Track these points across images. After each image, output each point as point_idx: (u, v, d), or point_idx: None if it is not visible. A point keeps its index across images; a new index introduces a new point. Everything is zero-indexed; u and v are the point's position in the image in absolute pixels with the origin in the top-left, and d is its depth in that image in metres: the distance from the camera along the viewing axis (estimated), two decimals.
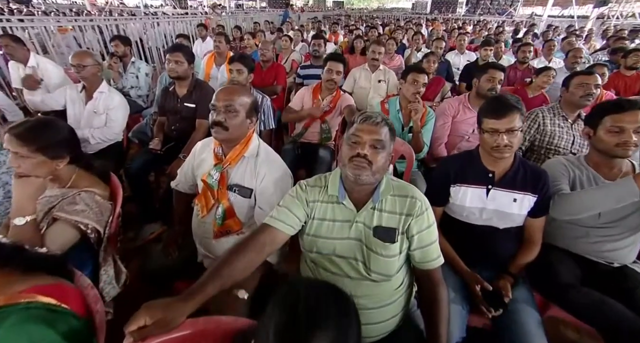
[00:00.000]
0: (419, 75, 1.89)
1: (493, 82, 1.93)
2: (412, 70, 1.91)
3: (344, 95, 2.23)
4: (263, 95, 2.23)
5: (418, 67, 1.94)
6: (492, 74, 1.93)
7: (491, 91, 1.93)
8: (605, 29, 7.11)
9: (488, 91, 1.94)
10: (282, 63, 4.17)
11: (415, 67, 1.94)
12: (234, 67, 2.09)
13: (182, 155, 2.02)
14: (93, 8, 11.64)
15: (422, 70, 1.91)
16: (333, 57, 2.18)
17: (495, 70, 1.95)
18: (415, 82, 1.89)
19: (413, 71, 1.91)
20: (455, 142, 2.06)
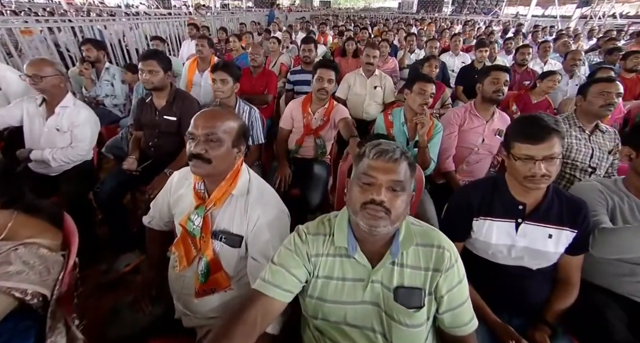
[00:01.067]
0: (426, 85, 1.69)
1: (498, 83, 1.78)
2: (419, 80, 1.71)
3: (337, 106, 2.00)
4: (251, 107, 1.99)
5: (425, 76, 1.73)
6: (495, 76, 1.78)
7: (497, 93, 1.78)
8: (591, 29, 7.11)
9: (493, 94, 1.79)
10: (271, 66, 3.93)
11: (422, 76, 1.73)
12: (217, 77, 1.84)
13: (168, 171, 1.78)
14: (70, 7, 11.05)
15: (429, 79, 1.71)
16: (324, 64, 1.94)
17: (498, 71, 1.80)
18: (423, 92, 1.69)
19: (420, 80, 1.70)
20: (464, 154, 1.88)
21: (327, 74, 1.89)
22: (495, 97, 1.79)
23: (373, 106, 2.70)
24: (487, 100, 1.83)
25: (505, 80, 1.78)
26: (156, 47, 3.40)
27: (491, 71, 1.82)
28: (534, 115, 0.98)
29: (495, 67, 1.87)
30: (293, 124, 2.04)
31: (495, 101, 1.82)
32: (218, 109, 1.01)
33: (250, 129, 1.99)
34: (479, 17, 11.90)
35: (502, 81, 1.77)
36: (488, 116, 1.87)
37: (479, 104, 1.88)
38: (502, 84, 1.77)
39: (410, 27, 7.41)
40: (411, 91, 1.74)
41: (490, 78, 1.80)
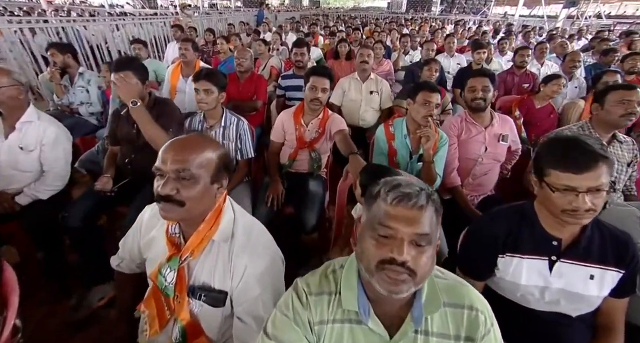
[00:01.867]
0: (431, 95, 1.52)
1: (475, 91, 1.65)
2: (423, 89, 1.54)
3: (333, 116, 1.82)
4: (239, 118, 1.79)
5: (429, 85, 1.56)
6: (471, 84, 1.67)
7: (476, 102, 1.65)
8: (580, 29, 7.10)
9: (473, 102, 1.66)
10: (260, 70, 3.73)
11: (426, 85, 1.56)
12: (200, 87, 1.64)
13: None
14: (50, 7, 10.54)
15: (434, 88, 1.54)
16: (317, 71, 1.75)
17: (474, 78, 1.67)
18: (427, 103, 1.52)
19: (424, 90, 1.53)
20: (468, 166, 1.72)
21: (321, 83, 1.70)
22: (475, 105, 1.65)
23: (370, 112, 2.53)
24: (471, 109, 1.69)
25: (484, 86, 1.63)
26: (138, 52, 3.15)
27: (467, 78, 1.70)
28: (575, 138, 0.82)
29: (475, 72, 1.73)
30: (285, 136, 1.85)
31: (478, 109, 1.67)
32: (193, 137, 0.81)
33: (239, 142, 1.79)
34: (468, 17, 11.87)
35: (479, 88, 1.63)
36: (486, 122, 1.72)
37: (469, 111, 1.74)
38: (480, 90, 1.63)
39: (402, 27, 7.27)
40: (414, 101, 1.57)
41: (467, 86, 1.68)
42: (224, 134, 1.77)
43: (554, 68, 3.59)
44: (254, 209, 1.68)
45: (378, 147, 1.70)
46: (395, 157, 1.66)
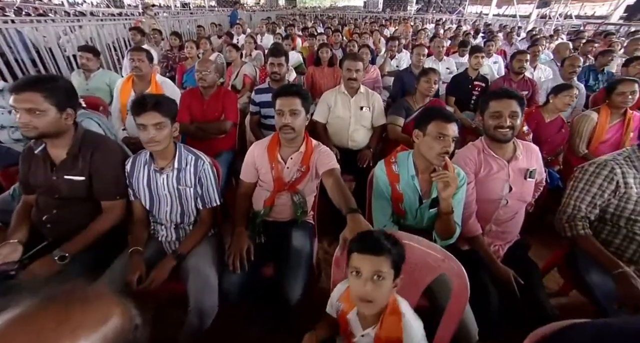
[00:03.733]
0: (447, 126, 1.14)
1: (501, 117, 1.28)
2: (436, 118, 1.16)
3: (319, 148, 1.39)
4: (197, 157, 1.35)
5: (444, 114, 1.18)
6: (496, 107, 1.29)
7: (500, 131, 1.29)
8: (555, 30, 7.03)
9: (496, 131, 1.30)
10: (232, 79, 3.26)
11: (441, 114, 1.18)
12: (148, 121, 1.17)
13: (59, 254, 1.17)
14: None
15: (449, 118, 1.17)
16: (282, 91, 1.32)
17: (502, 100, 1.29)
18: (442, 136, 1.15)
19: (438, 119, 1.16)
20: (490, 210, 1.36)
21: (288, 104, 1.28)
22: (501, 136, 1.29)
23: (360, 131, 2.14)
24: (492, 139, 1.34)
25: (513, 112, 1.27)
26: (85, 62, 2.58)
27: (491, 100, 1.32)
28: None
29: (500, 93, 1.32)
30: (258, 176, 1.42)
31: (503, 140, 1.31)
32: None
33: (199, 188, 1.35)
34: (444, 16, 11.74)
35: (505, 114, 1.27)
36: (509, 154, 1.36)
37: (489, 141, 1.38)
38: (508, 117, 1.27)
39: (383, 28, 6.92)
40: (424, 133, 1.19)
41: (490, 110, 1.31)
42: (179, 179, 1.33)
43: (548, 72, 3.35)
44: (221, 277, 1.25)
45: (378, 189, 1.31)
46: (400, 202, 1.28)
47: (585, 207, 1.27)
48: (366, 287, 0.80)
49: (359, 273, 0.82)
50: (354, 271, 0.83)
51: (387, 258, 0.82)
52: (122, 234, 1.35)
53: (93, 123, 1.71)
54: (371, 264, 0.81)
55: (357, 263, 0.83)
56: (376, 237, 0.86)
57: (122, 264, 1.24)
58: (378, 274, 0.80)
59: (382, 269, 0.81)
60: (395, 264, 0.83)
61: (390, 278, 0.83)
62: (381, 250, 0.82)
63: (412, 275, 1.05)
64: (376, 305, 0.84)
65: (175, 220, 1.38)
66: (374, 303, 0.82)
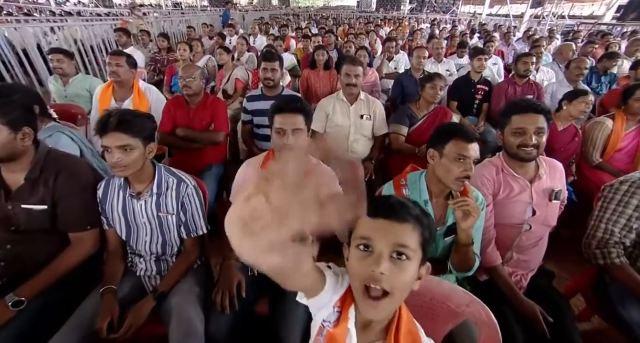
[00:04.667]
0: (467, 147, 0.99)
1: (525, 134, 1.13)
2: (455, 136, 1.01)
3: (319, 169, 1.22)
4: (180, 179, 1.17)
5: (464, 132, 1.02)
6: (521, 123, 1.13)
7: (524, 150, 1.13)
8: (551, 30, 6.96)
9: (519, 149, 1.14)
10: (223, 83, 3.07)
11: (461, 132, 1.02)
12: (111, 143, 1.01)
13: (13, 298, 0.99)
14: None
15: (471, 138, 1.01)
16: (283, 106, 1.14)
17: (527, 115, 1.14)
18: (462, 158, 0.99)
19: (457, 138, 1.00)
20: (510, 236, 1.21)
21: (291, 122, 1.12)
22: (525, 155, 1.14)
23: (361, 142, 1.98)
24: (514, 157, 1.19)
25: (539, 128, 1.12)
26: (56, 64, 2.35)
27: (514, 114, 1.16)
28: None
29: (524, 106, 1.15)
30: None
31: (524, 160, 1.17)
32: None
33: (182, 215, 1.18)
34: (438, 16, 11.63)
35: (530, 131, 1.12)
36: (531, 173, 1.21)
37: (508, 158, 1.23)
38: (534, 133, 1.12)
39: (379, 28, 6.76)
40: (441, 154, 1.03)
41: (512, 126, 1.16)
42: (158, 205, 1.15)
43: (550, 74, 3.23)
44: (208, 318, 1.08)
45: None
46: None
47: (619, 231, 1.13)
48: (381, 268, 0.53)
49: (368, 248, 0.56)
50: (361, 244, 0.57)
51: (415, 230, 0.57)
52: (92, 269, 1.17)
53: (64, 137, 1.52)
54: (391, 234, 0.55)
55: (368, 232, 0.57)
56: (399, 200, 0.61)
57: (92, 306, 1.06)
58: (400, 251, 0.55)
59: (407, 243, 0.55)
60: (425, 242, 0.59)
61: (416, 260, 0.57)
62: (407, 215, 0.57)
63: (430, 322, 0.89)
64: (394, 302, 0.56)
65: (155, 251, 1.21)
66: (390, 298, 0.55)
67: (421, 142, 1.93)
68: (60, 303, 1.09)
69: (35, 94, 1.51)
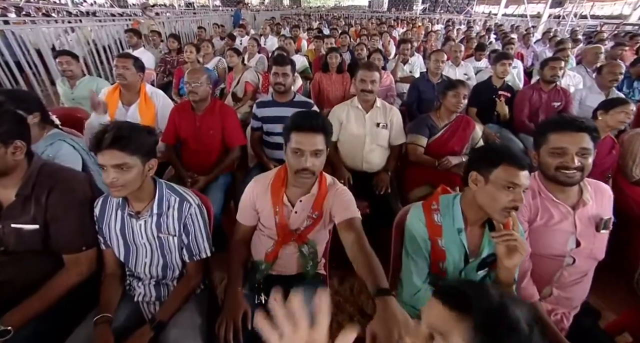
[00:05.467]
0: (519, 174, 0.85)
1: (566, 155, 0.98)
2: (507, 161, 0.86)
3: (334, 189, 1.09)
4: (183, 197, 1.07)
5: (517, 156, 0.87)
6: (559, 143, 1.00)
7: (567, 173, 0.99)
8: (573, 31, 6.65)
9: (558, 172, 1.00)
10: (233, 86, 2.97)
11: (512, 155, 0.87)
12: (107, 161, 0.91)
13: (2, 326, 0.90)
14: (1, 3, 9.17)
15: (524, 164, 0.86)
16: (302, 123, 0.98)
17: (568, 133, 0.99)
18: (513, 186, 0.85)
19: (509, 163, 0.86)
20: (549, 270, 1.06)
21: (311, 142, 0.97)
22: (561, 178, 1.00)
23: (377, 152, 1.85)
24: (552, 180, 1.04)
25: (583, 149, 0.98)
26: (65, 67, 2.30)
27: (552, 131, 1.01)
28: None
29: (565, 124, 1.00)
30: (259, 218, 1.14)
31: (564, 184, 1.02)
32: None
33: (185, 237, 1.07)
34: (452, 16, 11.34)
35: (572, 151, 0.97)
36: (573, 198, 1.06)
37: (546, 181, 1.08)
38: (577, 155, 0.97)
39: (392, 28, 6.58)
40: (486, 180, 0.89)
41: (550, 146, 1.01)
42: (159, 225, 1.05)
43: (578, 79, 3.02)
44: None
45: (413, 243, 1.01)
46: (442, 262, 0.99)
47: None
48: None
49: None
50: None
51: None
52: (87, 292, 1.07)
53: (65, 146, 1.43)
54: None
55: None
56: None
57: (85, 335, 0.97)
58: None
59: None
60: None
61: None
62: None
63: None
64: None
65: (156, 274, 1.11)
66: None
67: (441, 153, 1.79)
68: (52, 331, 1.00)
69: (36, 100, 1.43)
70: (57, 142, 1.42)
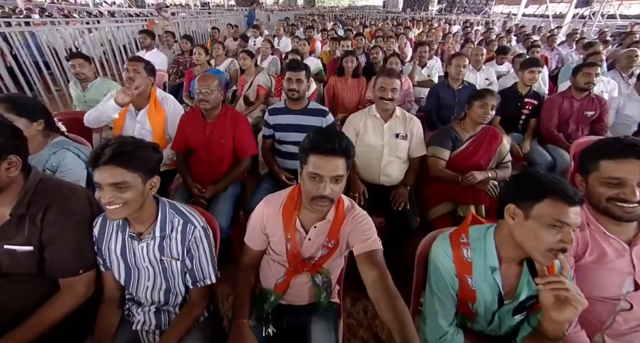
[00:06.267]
0: (569, 211, 0.72)
1: (623, 186, 0.85)
2: (553, 193, 0.73)
3: (353, 214, 0.97)
4: (187, 219, 0.98)
5: (567, 190, 0.73)
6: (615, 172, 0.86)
7: (625, 208, 0.84)
8: (601, 32, 6.30)
9: (609, 203, 0.87)
10: (245, 89, 2.89)
11: (563, 189, 0.73)
12: (103, 180, 0.83)
13: None
14: (27, 4, 9.43)
15: (574, 199, 0.72)
16: (325, 148, 0.85)
17: (623, 161, 0.85)
18: (561, 225, 0.72)
19: (555, 197, 0.73)
20: (600, 314, 0.91)
21: (330, 168, 0.85)
22: (617, 212, 0.86)
23: (395, 164, 1.72)
24: (604, 213, 0.90)
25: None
26: (78, 70, 2.27)
27: (604, 158, 0.88)
28: None
29: (621, 149, 0.87)
30: (269, 244, 1.04)
31: (621, 219, 0.88)
32: None
33: (189, 261, 0.98)
34: (470, 17, 10.99)
35: (633, 182, 0.83)
36: (630, 232, 0.91)
37: (595, 212, 0.93)
38: (637, 186, 0.83)
39: (408, 30, 6.39)
40: (527, 215, 0.76)
41: (603, 176, 0.87)
42: (162, 248, 0.96)
43: (612, 85, 2.80)
44: None
45: (439, 280, 0.89)
46: (472, 303, 0.87)
47: None
48: None
49: None
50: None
51: None
52: (84, 317, 1.00)
53: (69, 155, 1.37)
54: None
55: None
56: None
57: None
58: None
59: None
60: None
61: None
62: None
63: None
64: None
65: (157, 299, 1.02)
66: None
67: (465, 168, 1.65)
68: None
69: (40, 106, 1.37)
70: (60, 151, 1.36)
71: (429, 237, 1.04)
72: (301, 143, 0.92)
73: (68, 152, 1.37)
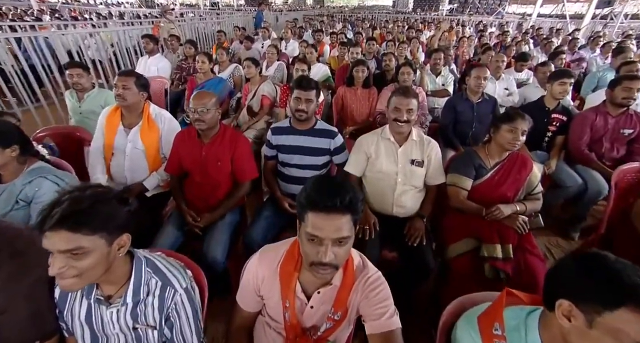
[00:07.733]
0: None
1: None
2: (634, 300, 0.53)
3: (365, 276, 0.80)
4: (167, 282, 0.81)
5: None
6: None
7: None
8: (627, 34, 5.95)
9: None
10: (248, 99, 2.73)
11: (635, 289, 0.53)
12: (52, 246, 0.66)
13: None
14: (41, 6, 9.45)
15: None
16: (329, 204, 0.67)
17: None
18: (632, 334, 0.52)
19: (636, 305, 0.53)
20: None
21: (334, 227, 0.67)
22: None
23: (410, 194, 1.53)
24: None
25: None
26: (76, 80, 2.12)
27: None
28: None
29: None
30: (265, 307, 0.86)
31: None
32: None
33: (167, 331, 0.81)
34: (482, 18, 10.62)
35: None
36: None
37: None
38: None
39: (420, 33, 6.13)
40: (591, 322, 0.56)
41: None
42: (135, 315, 0.80)
43: None
44: None
45: None
46: None
47: None
48: None
49: None
50: None
51: None
52: None
53: (47, 184, 1.22)
54: None
55: None
56: None
57: None
58: None
59: None
60: None
61: None
62: None
63: None
64: None
65: None
66: None
67: (490, 199, 1.45)
68: None
69: (14, 130, 1.22)
70: (37, 179, 1.22)
71: (454, 306, 0.84)
72: (297, 195, 0.74)
73: (45, 181, 1.23)
